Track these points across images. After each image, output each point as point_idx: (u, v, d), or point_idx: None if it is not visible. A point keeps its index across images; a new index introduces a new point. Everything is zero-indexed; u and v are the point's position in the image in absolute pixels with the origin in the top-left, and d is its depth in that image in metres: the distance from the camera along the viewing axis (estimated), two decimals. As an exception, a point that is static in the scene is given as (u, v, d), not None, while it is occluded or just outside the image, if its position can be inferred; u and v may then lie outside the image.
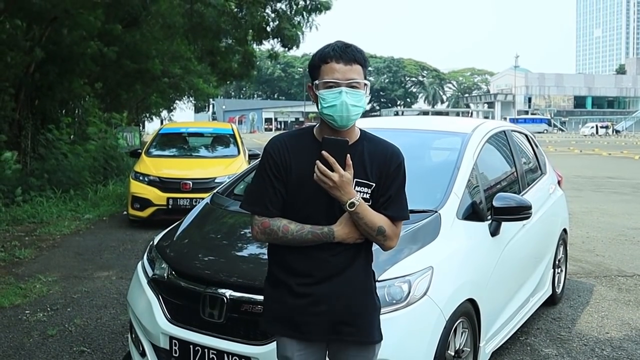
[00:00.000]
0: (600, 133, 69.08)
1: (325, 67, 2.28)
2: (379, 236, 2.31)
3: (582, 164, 24.16)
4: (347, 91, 2.24)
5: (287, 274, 2.37)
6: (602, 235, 9.10)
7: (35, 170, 12.49)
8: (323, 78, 2.27)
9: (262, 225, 2.32)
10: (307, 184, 2.28)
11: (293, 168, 2.31)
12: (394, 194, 2.35)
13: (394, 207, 2.35)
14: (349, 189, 2.22)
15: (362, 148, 2.34)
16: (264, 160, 2.35)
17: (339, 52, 2.28)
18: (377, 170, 2.33)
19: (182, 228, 4.02)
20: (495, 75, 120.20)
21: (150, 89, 24.32)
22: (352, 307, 2.36)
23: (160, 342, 3.34)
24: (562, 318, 5.40)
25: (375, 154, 2.35)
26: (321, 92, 2.27)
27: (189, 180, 9.46)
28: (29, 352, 4.57)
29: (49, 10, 10.67)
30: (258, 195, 2.35)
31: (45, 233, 9.01)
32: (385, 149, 2.38)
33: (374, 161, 2.33)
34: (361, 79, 2.29)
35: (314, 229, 2.27)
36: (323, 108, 2.26)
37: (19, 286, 6.22)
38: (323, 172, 2.19)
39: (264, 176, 2.34)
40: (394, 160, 2.36)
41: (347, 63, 2.26)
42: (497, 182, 4.53)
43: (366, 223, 2.27)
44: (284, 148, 2.34)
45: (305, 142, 2.36)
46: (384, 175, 2.33)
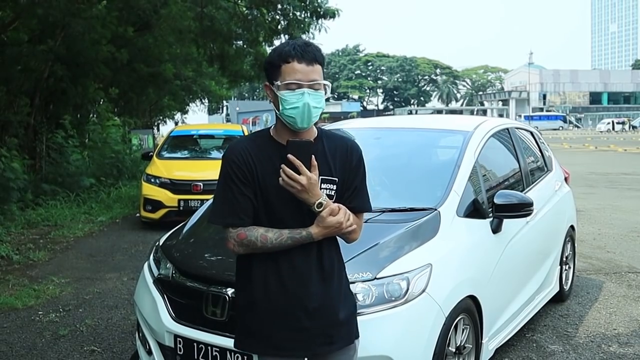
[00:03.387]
0: (616, 129, 68.37)
1: (287, 67, 2.23)
2: (342, 229, 2.29)
3: (597, 161, 23.97)
4: (309, 92, 2.23)
5: (262, 289, 2.33)
6: (614, 232, 9.05)
7: (49, 174, 12.66)
8: (285, 79, 2.23)
9: (238, 237, 2.28)
10: (272, 188, 2.26)
11: (259, 173, 2.28)
12: (359, 187, 2.37)
13: (358, 199, 2.37)
14: (316, 190, 2.21)
15: (323, 145, 2.34)
16: (227, 169, 2.29)
17: (300, 51, 2.23)
18: (340, 166, 2.34)
19: (187, 228, 4.09)
20: (509, 73, 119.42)
21: (163, 92, 24.49)
22: (335, 316, 2.36)
23: (165, 340, 3.40)
24: (569, 315, 5.39)
25: (336, 149, 2.35)
26: (283, 94, 2.23)
27: (200, 181, 9.55)
28: (40, 352, 4.66)
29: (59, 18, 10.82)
30: (228, 206, 2.28)
31: (59, 235, 9.14)
32: (344, 144, 2.39)
33: (336, 157, 2.34)
34: (321, 79, 2.27)
35: (292, 235, 2.24)
36: (285, 110, 2.23)
37: (33, 288, 6.33)
38: (290, 176, 2.17)
39: (230, 185, 2.28)
40: (355, 153, 2.38)
41: (309, 63, 2.23)
42: (499, 179, 4.55)
43: None
44: (246, 154, 2.29)
45: (264, 146, 2.33)
46: (346, 169, 2.34)
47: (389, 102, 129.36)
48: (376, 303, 3.03)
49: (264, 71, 2.34)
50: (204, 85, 28.84)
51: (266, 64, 2.31)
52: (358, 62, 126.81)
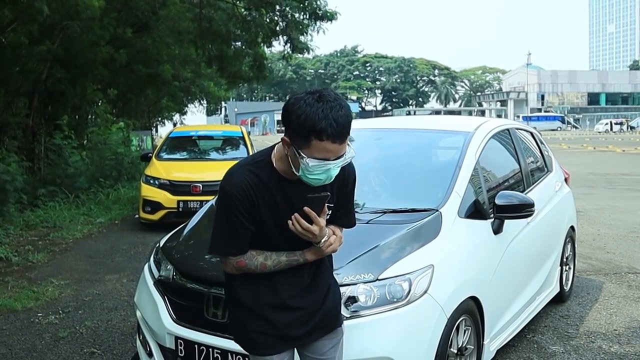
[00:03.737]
0: (614, 130, 68.46)
1: (318, 145, 2.12)
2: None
3: (596, 161, 23.98)
4: (337, 164, 2.20)
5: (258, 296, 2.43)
6: (613, 233, 9.05)
7: (48, 175, 12.64)
8: (313, 154, 2.13)
9: (237, 264, 2.36)
10: (272, 223, 2.32)
11: (260, 207, 2.29)
12: (350, 207, 2.50)
13: (348, 217, 2.51)
14: (323, 233, 2.30)
15: None
16: (229, 202, 2.28)
17: (337, 133, 2.11)
18: (337, 190, 2.40)
19: (188, 230, 4.08)
20: (507, 73, 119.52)
21: (162, 93, 24.46)
22: (327, 311, 2.51)
23: (166, 342, 3.39)
24: (570, 315, 5.39)
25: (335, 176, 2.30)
26: (308, 162, 2.15)
27: (199, 183, 9.54)
28: (40, 354, 4.65)
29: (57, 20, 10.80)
30: (229, 239, 2.32)
31: (58, 237, 9.13)
32: (343, 169, 2.32)
33: (334, 183, 2.33)
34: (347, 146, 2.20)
35: (289, 259, 2.36)
36: (306, 174, 2.19)
37: (32, 289, 6.31)
38: (304, 226, 2.24)
39: (232, 219, 2.29)
40: (351, 178, 2.46)
41: (342, 142, 2.14)
42: (500, 180, 4.54)
43: None
44: (248, 187, 2.27)
45: (266, 177, 2.30)
46: (342, 192, 2.43)
47: (388, 103, 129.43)
48: (378, 304, 3.03)
49: (283, 123, 2.23)
50: (202, 86, 28.82)
51: (293, 122, 2.14)
52: (356, 63, 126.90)
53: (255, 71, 19.77)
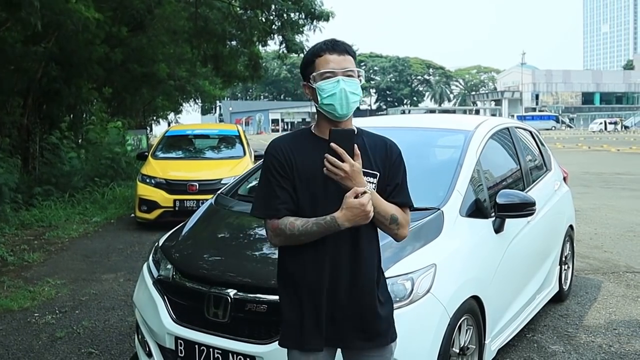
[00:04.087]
0: (608, 129, 68.68)
1: (320, 60, 2.33)
2: (392, 225, 2.35)
3: (591, 161, 24.04)
4: (344, 79, 2.30)
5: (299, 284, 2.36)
6: (610, 232, 9.06)
7: (43, 174, 12.57)
8: (319, 70, 2.32)
9: (272, 227, 2.32)
10: (314, 183, 2.30)
11: (299, 167, 2.33)
12: (401, 182, 2.42)
13: (402, 194, 2.42)
14: (360, 178, 2.21)
15: (363, 140, 2.38)
16: (268, 163, 2.36)
17: (330, 44, 2.35)
18: (380, 161, 2.38)
19: (187, 229, 4.05)
20: (501, 73, 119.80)
21: (157, 92, 24.40)
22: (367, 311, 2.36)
23: (166, 342, 3.36)
24: (569, 315, 5.38)
25: (376, 145, 2.41)
26: (319, 84, 2.31)
27: (195, 182, 9.51)
28: (37, 355, 4.60)
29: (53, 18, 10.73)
30: (267, 199, 2.34)
31: (54, 236, 9.07)
32: (383, 141, 2.45)
33: (376, 152, 2.38)
34: (355, 68, 2.35)
35: (317, 220, 2.24)
36: (323, 99, 2.30)
37: (28, 289, 6.26)
38: (333, 163, 2.18)
39: (270, 178, 2.34)
40: (394, 150, 2.44)
41: (340, 53, 2.33)
42: (501, 179, 4.53)
43: (379, 212, 2.29)
44: (287, 148, 2.35)
45: (305, 141, 2.39)
46: (387, 165, 2.39)
47: (382, 102, 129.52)
48: None
49: (301, 75, 2.43)
50: (197, 86, 28.77)
51: (301, 65, 2.41)
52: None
53: (250, 70, 19.72)
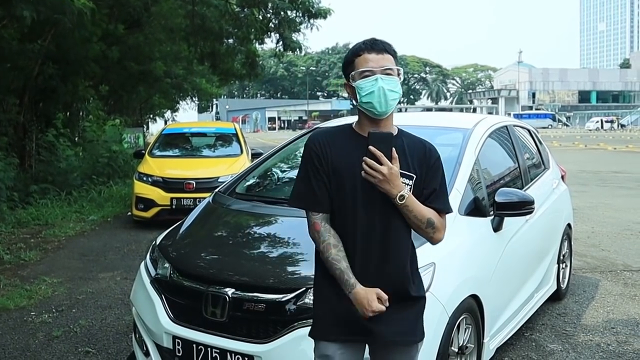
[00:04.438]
0: (605, 127, 68.84)
1: (359, 59, 2.36)
2: (428, 228, 2.35)
3: (587, 159, 24.08)
4: (383, 77, 2.32)
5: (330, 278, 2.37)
6: (608, 230, 9.07)
7: (39, 172, 12.53)
8: (358, 69, 2.35)
9: (314, 226, 2.38)
10: (352, 180, 2.32)
11: (334, 162, 2.36)
12: (438, 189, 2.41)
13: (439, 200, 2.41)
14: (397, 181, 2.25)
15: (402, 142, 2.39)
16: (306, 154, 2.42)
17: (370, 44, 2.38)
18: (418, 163, 2.38)
19: (184, 227, 4.02)
20: (498, 71, 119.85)
21: (153, 90, 24.35)
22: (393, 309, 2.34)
23: (163, 341, 3.34)
24: (567, 313, 5.38)
25: (414, 147, 2.41)
26: (358, 83, 2.34)
27: (192, 180, 9.48)
28: (34, 354, 4.58)
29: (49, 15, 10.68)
30: (304, 190, 2.40)
31: (50, 235, 9.03)
32: (422, 144, 2.45)
33: (414, 154, 2.39)
34: (393, 66, 2.38)
35: (343, 272, 2.29)
36: (362, 97, 2.33)
37: (25, 288, 6.23)
38: (371, 165, 2.22)
39: (307, 169, 2.39)
40: (433, 153, 2.44)
41: (379, 52, 2.36)
42: (499, 177, 4.52)
43: (415, 215, 2.31)
44: (324, 142, 2.40)
45: (346, 138, 2.42)
46: (424, 168, 2.39)
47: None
48: None
49: (343, 74, 2.45)
50: (194, 84, 28.72)
51: (343, 65, 2.46)
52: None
53: (247, 68, 19.72)
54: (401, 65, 2.48)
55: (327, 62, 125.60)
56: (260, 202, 4.13)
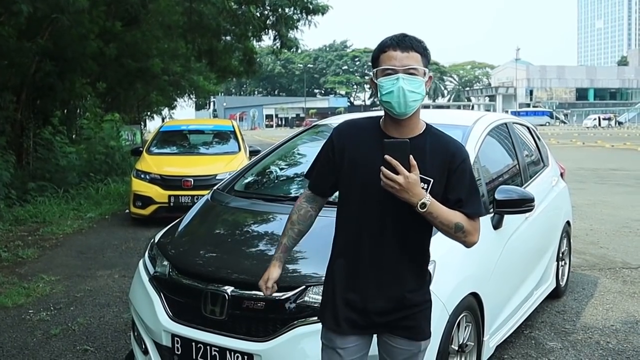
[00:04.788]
0: (602, 125, 68.86)
1: (384, 56, 2.30)
2: (458, 233, 2.29)
3: (585, 156, 24.09)
4: (404, 77, 2.24)
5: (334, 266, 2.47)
6: (606, 228, 9.07)
7: (37, 170, 12.49)
8: (381, 66, 2.29)
9: (298, 198, 2.62)
10: (367, 175, 2.29)
11: (352, 155, 2.36)
12: (467, 192, 2.32)
13: (469, 204, 2.32)
14: (417, 190, 2.17)
15: (425, 142, 2.31)
16: (327, 141, 2.49)
17: (396, 40, 2.30)
18: (439, 166, 2.29)
19: (183, 225, 4.00)
20: (496, 69, 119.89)
21: (151, 87, 24.28)
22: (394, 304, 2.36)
23: (162, 339, 3.32)
24: (566, 311, 5.37)
25: (438, 149, 2.31)
26: (379, 80, 2.28)
27: (190, 177, 9.46)
28: (32, 352, 4.56)
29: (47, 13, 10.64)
30: (310, 169, 2.59)
31: (48, 232, 9.00)
32: (448, 145, 2.34)
33: (436, 156, 2.30)
34: (420, 66, 2.28)
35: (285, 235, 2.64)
36: (382, 95, 2.27)
37: (22, 286, 6.21)
38: (387, 176, 2.15)
39: (320, 154, 2.51)
40: (458, 156, 2.33)
41: (404, 50, 2.27)
42: (499, 174, 4.50)
43: (441, 222, 2.25)
44: (347, 134, 2.42)
45: (369, 133, 2.38)
46: (447, 171, 2.30)
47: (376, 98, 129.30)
48: None
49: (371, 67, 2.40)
50: (192, 81, 28.64)
51: (371, 60, 2.40)
52: (345, 58, 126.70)
53: (245, 65, 19.65)
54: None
55: (324, 59, 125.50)
56: (259, 199, 4.11)
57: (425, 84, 2.30)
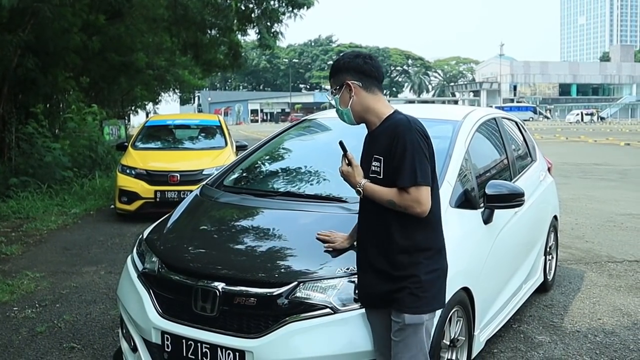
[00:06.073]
0: (585, 120, 69.46)
1: None
2: (396, 208, 2.64)
3: (569, 151, 24.29)
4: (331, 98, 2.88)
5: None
6: (591, 222, 9.13)
7: (19, 165, 12.32)
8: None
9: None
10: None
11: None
12: (397, 165, 2.61)
13: (399, 176, 2.61)
14: (352, 179, 2.73)
15: (381, 129, 2.74)
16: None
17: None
18: (387, 145, 2.65)
19: (172, 221, 3.95)
20: (480, 64, 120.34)
21: (135, 81, 24.06)
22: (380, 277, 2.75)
23: (152, 337, 3.28)
24: (554, 305, 5.40)
25: (386, 131, 2.70)
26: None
27: (177, 172, 9.39)
28: (17, 350, 4.50)
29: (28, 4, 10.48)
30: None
31: (32, 228, 8.89)
32: (392, 125, 2.70)
33: (384, 137, 2.68)
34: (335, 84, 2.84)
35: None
36: None
37: (6, 283, 6.12)
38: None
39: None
40: (394, 132, 2.65)
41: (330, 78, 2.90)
42: (488, 169, 4.50)
43: (379, 201, 2.67)
44: None
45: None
46: (390, 148, 2.63)
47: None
48: None
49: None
50: (177, 75, 28.43)
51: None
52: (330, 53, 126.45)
53: (230, 59, 19.52)
54: (383, 58, 2.72)
55: (309, 54, 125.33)
56: (248, 195, 4.07)
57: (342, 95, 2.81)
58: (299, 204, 3.70)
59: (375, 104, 2.78)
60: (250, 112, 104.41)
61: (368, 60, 2.81)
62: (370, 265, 2.77)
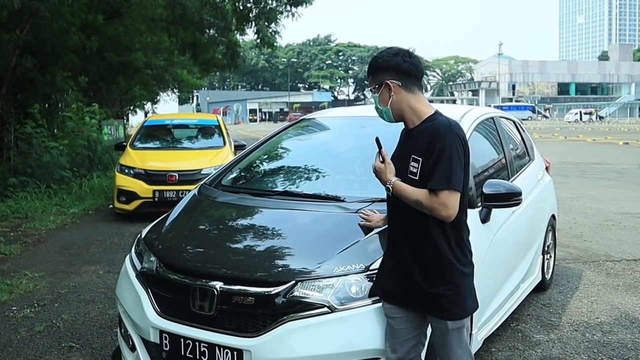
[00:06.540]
0: (584, 119, 69.53)
1: None
2: (422, 209, 2.66)
3: (567, 150, 24.31)
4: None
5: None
6: (589, 221, 9.15)
7: (18, 165, 12.32)
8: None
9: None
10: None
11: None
12: (431, 167, 2.63)
13: (431, 179, 2.63)
14: (383, 176, 2.77)
15: (420, 129, 2.75)
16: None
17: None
18: (426, 146, 2.67)
19: (170, 220, 3.96)
20: (479, 63, 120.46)
21: (134, 81, 24.08)
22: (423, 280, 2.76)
23: (150, 336, 3.28)
24: (552, 304, 5.41)
25: (426, 132, 2.70)
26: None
27: (175, 172, 9.39)
28: (16, 349, 4.50)
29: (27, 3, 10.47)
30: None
31: (31, 228, 8.90)
32: (431, 127, 2.70)
33: (424, 138, 2.69)
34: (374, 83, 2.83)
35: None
36: None
37: (5, 282, 6.13)
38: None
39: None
40: (434, 134, 2.65)
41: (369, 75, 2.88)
42: (486, 168, 4.50)
43: (406, 200, 2.70)
44: None
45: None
46: (429, 149, 2.65)
47: (360, 92, 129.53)
48: (369, 295, 2.97)
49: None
50: (175, 75, 28.45)
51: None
52: (329, 52, 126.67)
53: (229, 59, 19.53)
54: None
55: (308, 53, 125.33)
56: (247, 194, 4.08)
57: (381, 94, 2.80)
58: (296, 203, 3.71)
59: (415, 103, 2.78)
60: (249, 111, 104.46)
61: (407, 58, 2.77)
62: (403, 266, 2.79)
